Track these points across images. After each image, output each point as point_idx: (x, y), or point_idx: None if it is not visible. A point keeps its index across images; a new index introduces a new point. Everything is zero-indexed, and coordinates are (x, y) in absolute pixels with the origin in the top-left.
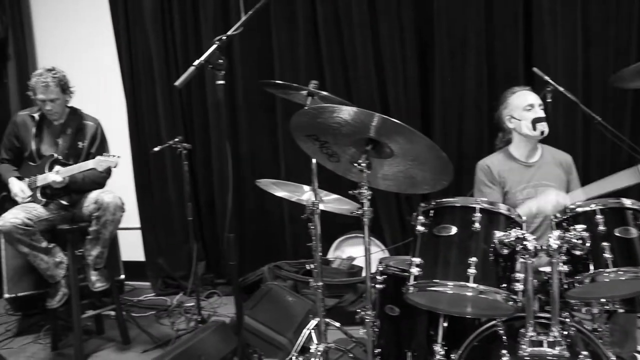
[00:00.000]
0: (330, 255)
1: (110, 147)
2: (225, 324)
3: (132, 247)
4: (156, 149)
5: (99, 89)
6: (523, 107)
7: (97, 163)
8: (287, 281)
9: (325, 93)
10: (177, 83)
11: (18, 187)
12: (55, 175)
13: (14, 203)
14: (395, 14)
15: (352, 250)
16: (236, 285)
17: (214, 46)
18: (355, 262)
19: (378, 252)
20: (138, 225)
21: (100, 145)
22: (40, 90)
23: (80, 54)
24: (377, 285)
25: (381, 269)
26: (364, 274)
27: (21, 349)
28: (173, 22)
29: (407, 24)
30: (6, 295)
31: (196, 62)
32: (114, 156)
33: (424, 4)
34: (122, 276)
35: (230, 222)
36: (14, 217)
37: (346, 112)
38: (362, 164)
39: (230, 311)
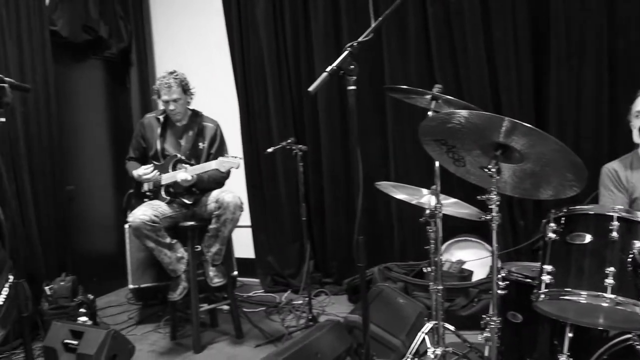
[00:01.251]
0: None
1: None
2: (340, 323)
3: (242, 244)
4: (270, 150)
5: (213, 92)
6: (633, 114)
7: (219, 164)
8: (398, 283)
9: (449, 97)
10: (310, 89)
11: (142, 169)
12: (185, 174)
13: (139, 199)
14: (509, 12)
15: (461, 254)
16: (364, 288)
17: (346, 52)
18: (464, 266)
19: (488, 256)
20: (249, 223)
21: (219, 146)
22: (164, 91)
23: (196, 59)
24: (499, 291)
25: (503, 274)
26: (474, 278)
27: (143, 337)
28: (284, 25)
29: (521, 22)
30: (130, 286)
31: (328, 69)
32: (235, 157)
33: (540, 1)
34: (235, 272)
35: (360, 225)
36: (142, 214)
37: (475, 116)
38: (491, 169)
39: (339, 310)
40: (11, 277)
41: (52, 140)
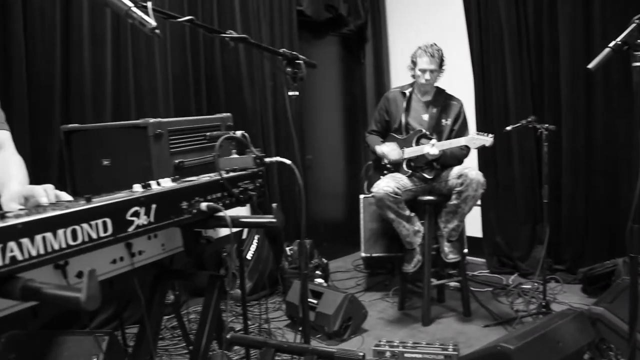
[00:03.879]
0: None
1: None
2: (583, 314)
3: (469, 223)
4: (509, 128)
5: (446, 69)
6: None
7: (469, 140)
8: None
9: None
10: (590, 66)
11: (388, 147)
12: (432, 148)
13: (378, 171)
14: None
15: None
16: (635, 281)
17: (633, 25)
18: None
19: None
20: (478, 202)
21: (462, 124)
22: (426, 59)
23: (429, 34)
24: None
25: None
26: None
27: (371, 303)
28: None
29: None
30: (362, 255)
31: (612, 44)
32: (487, 135)
33: None
34: (466, 250)
35: (636, 212)
36: (386, 185)
37: None
38: None
39: (572, 300)
40: (257, 237)
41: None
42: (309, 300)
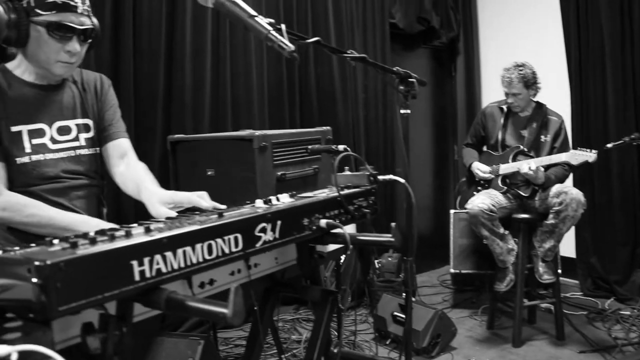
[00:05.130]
0: None
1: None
2: None
3: (561, 242)
4: (610, 145)
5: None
6: None
7: (571, 156)
8: None
9: None
10: None
11: (483, 167)
12: (529, 165)
13: (471, 187)
14: None
15: None
16: None
17: None
18: None
19: None
20: None
21: (563, 141)
22: (505, 84)
23: (522, 48)
24: None
25: None
26: None
27: (459, 321)
28: (632, 7)
29: None
30: (451, 270)
31: None
32: (589, 150)
33: None
34: (559, 271)
35: None
36: (481, 202)
37: None
38: None
39: None
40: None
41: (385, 124)
42: (397, 314)
